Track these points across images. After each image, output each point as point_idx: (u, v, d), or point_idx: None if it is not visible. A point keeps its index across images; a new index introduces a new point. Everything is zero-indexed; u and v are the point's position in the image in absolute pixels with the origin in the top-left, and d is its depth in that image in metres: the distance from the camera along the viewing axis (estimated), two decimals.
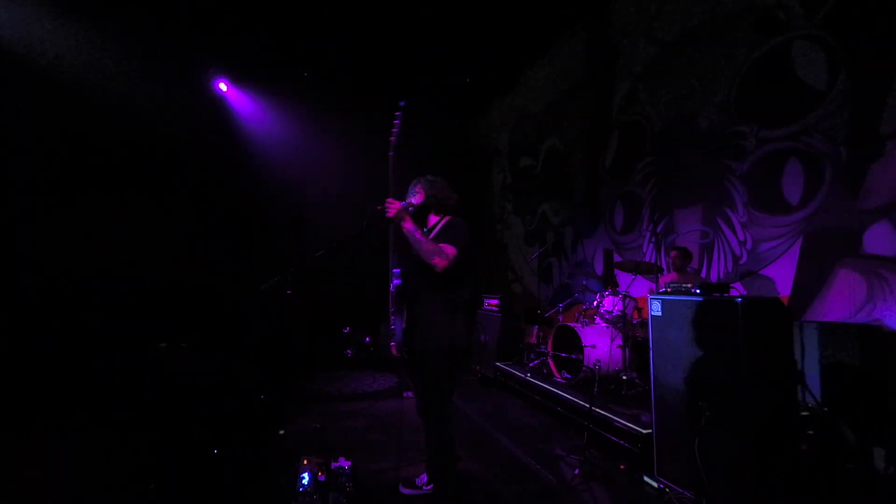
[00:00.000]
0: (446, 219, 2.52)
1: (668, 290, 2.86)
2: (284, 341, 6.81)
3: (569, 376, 4.43)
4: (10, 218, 5.47)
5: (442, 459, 2.38)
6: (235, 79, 7.09)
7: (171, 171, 6.72)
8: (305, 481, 2.49)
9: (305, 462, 2.62)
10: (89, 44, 5.71)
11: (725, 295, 2.57)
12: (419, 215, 2.57)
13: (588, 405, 3.31)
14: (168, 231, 6.59)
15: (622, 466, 3.15)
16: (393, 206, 2.26)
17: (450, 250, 2.27)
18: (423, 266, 2.31)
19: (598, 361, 4.10)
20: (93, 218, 5.98)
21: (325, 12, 5.85)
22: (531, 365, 5.16)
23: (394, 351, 2.41)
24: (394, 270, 2.46)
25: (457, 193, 2.64)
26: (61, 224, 5.80)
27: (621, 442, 3.29)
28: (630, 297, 4.35)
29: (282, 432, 2.49)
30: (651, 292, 3.37)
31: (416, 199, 2.57)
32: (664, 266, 4.37)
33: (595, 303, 4.61)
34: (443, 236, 2.37)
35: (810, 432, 2.77)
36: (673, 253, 4.25)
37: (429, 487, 2.66)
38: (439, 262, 2.23)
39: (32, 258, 5.59)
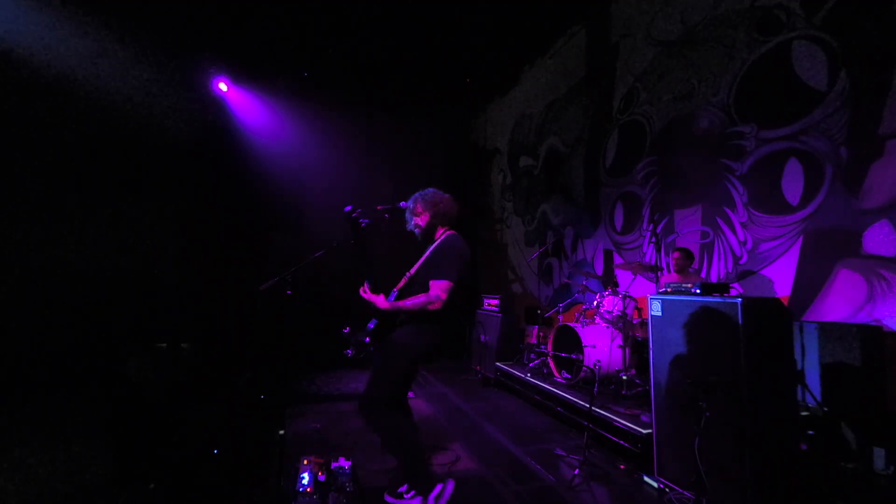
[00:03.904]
0: (443, 236, 2.55)
1: (668, 289, 2.86)
2: (284, 341, 6.80)
3: (569, 376, 4.43)
4: (10, 218, 5.46)
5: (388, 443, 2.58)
6: (235, 79, 7.09)
7: (171, 170, 6.71)
8: (305, 481, 2.49)
9: (305, 462, 2.62)
10: (88, 43, 5.71)
11: (725, 295, 2.57)
12: (427, 233, 2.62)
13: (588, 405, 3.31)
14: (168, 231, 6.59)
15: (622, 466, 3.15)
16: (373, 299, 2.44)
17: (440, 289, 2.35)
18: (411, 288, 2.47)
19: (598, 361, 4.10)
20: (92, 218, 5.98)
21: (325, 12, 5.85)
22: (531, 365, 5.16)
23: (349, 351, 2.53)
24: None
25: (455, 201, 2.68)
26: (61, 224, 5.80)
27: (621, 442, 3.29)
28: (630, 297, 4.35)
29: (282, 432, 2.48)
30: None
31: (421, 220, 2.60)
32: (664, 266, 4.37)
33: (595, 303, 4.61)
34: (435, 264, 2.43)
35: (810, 432, 2.77)
36: (675, 255, 4.24)
37: (410, 496, 2.54)
38: (436, 307, 2.35)
39: (32, 258, 5.59)
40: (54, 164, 5.77)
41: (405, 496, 2.55)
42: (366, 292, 2.45)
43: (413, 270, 2.57)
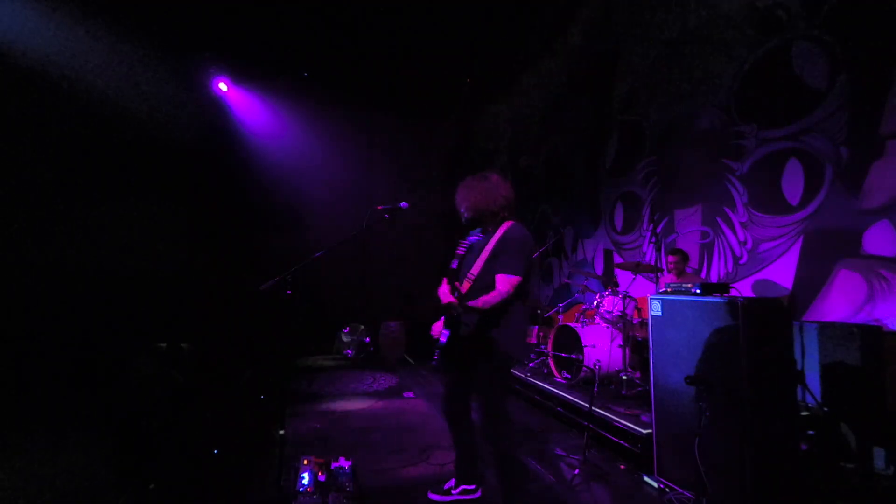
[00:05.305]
0: (503, 228, 2.36)
1: (668, 289, 2.86)
2: (284, 342, 6.80)
3: (569, 376, 4.43)
4: (11, 217, 5.47)
5: (505, 467, 2.37)
6: (235, 79, 7.09)
7: (171, 170, 6.71)
8: (305, 481, 2.49)
9: (305, 462, 2.62)
10: (88, 43, 5.71)
11: (725, 295, 2.57)
12: (475, 221, 2.45)
13: (588, 405, 3.31)
14: (168, 231, 6.59)
15: (622, 466, 3.15)
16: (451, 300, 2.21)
17: (510, 285, 2.18)
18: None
19: (598, 361, 4.10)
20: (92, 218, 5.98)
21: (325, 13, 5.86)
22: (531, 365, 5.16)
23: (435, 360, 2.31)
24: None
25: (505, 186, 2.42)
26: (62, 224, 5.80)
27: (621, 442, 3.29)
28: (630, 297, 4.35)
29: (282, 432, 2.48)
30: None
31: (464, 215, 2.45)
32: (664, 267, 4.37)
33: (595, 303, 4.61)
34: (500, 259, 2.25)
35: (810, 432, 2.77)
36: (671, 258, 4.23)
37: (458, 490, 2.62)
38: (506, 301, 2.19)
39: (32, 258, 5.59)
40: (55, 163, 5.77)
41: (453, 491, 2.63)
42: (447, 295, 2.22)
43: (475, 270, 2.34)
